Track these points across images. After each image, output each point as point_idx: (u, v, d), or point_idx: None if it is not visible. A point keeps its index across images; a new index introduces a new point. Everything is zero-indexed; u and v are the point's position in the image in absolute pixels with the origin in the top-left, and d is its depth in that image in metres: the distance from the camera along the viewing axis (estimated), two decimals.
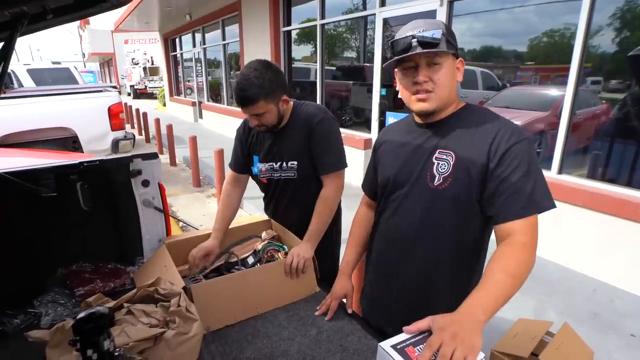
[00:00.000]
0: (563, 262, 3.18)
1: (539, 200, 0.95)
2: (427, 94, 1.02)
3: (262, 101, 1.42)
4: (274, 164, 1.63)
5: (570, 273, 3.08)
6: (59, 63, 8.79)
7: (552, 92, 3.53)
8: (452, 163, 1.02)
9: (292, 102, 1.61)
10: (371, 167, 1.31)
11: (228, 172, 1.79)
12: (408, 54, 1.00)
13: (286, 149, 1.59)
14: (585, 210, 2.99)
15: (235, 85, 1.43)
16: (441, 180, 1.04)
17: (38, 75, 7.80)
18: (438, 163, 1.05)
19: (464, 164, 1.00)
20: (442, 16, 3.98)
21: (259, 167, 1.67)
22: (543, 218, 0.95)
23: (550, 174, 3.28)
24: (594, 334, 2.36)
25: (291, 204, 1.69)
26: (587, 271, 3.05)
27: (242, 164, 1.73)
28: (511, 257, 0.93)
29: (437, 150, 1.05)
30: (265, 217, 1.82)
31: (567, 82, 3.10)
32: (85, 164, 1.52)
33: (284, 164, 1.61)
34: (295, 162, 1.59)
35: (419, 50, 0.98)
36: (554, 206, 0.96)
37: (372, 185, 1.29)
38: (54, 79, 7.80)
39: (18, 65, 8.29)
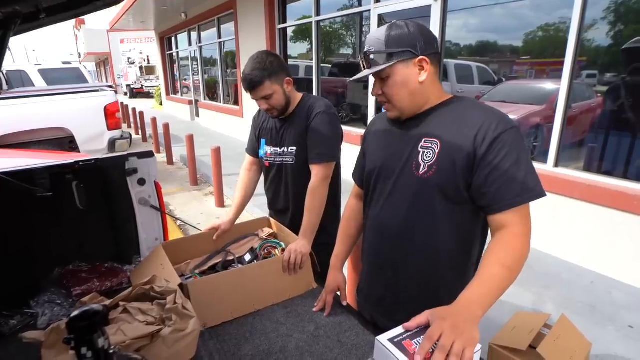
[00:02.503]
0: (560, 254, 3.19)
1: (530, 189, 0.94)
2: (386, 104, 1.10)
3: (268, 82, 1.54)
4: (277, 148, 1.73)
5: (568, 265, 3.09)
6: (69, 63, 9.05)
7: (548, 85, 3.54)
8: (437, 151, 1.01)
9: (302, 94, 1.71)
10: (361, 155, 1.31)
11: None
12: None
13: (289, 135, 1.68)
14: (582, 202, 3.00)
15: (242, 75, 1.57)
16: (426, 169, 1.03)
17: (49, 75, 8.01)
18: (423, 151, 1.04)
19: (449, 152, 1.00)
20: (436, 11, 3.98)
21: (265, 150, 1.78)
22: (540, 211, 0.95)
23: (547, 167, 3.29)
24: (592, 325, 2.37)
25: (288, 189, 1.75)
26: (584, 263, 3.06)
27: (255, 148, 1.85)
28: (507, 248, 0.93)
29: (423, 139, 1.05)
30: (262, 215, 1.83)
31: (562, 76, 3.11)
32: (80, 163, 1.51)
33: (285, 149, 1.69)
34: (295, 148, 1.67)
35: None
36: (544, 194, 0.95)
37: (362, 174, 1.29)
38: (65, 79, 7.93)
39: (29, 65, 8.55)
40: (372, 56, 1.04)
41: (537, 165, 3.29)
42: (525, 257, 0.94)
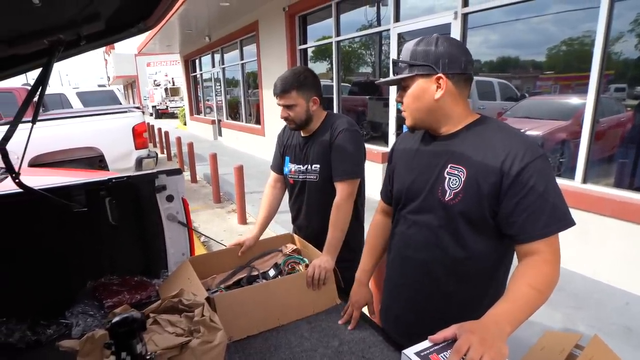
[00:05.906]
0: (591, 274, 3.07)
1: (559, 219, 0.93)
2: (404, 112, 1.14)
3: (295, 92, 1.60)
4: (301, 166, 1.75)
5: (600, 286, 2.97)
6: (104, 86, 9.67)
7: (573, 100, 3.48)
8: (463, 179, 1.01)
9: (326, 112, 1.74)
10: (388, 174, 1.33)
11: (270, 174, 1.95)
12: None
13: (312, 153, 1.71)
14: (613, 219, 2.89)
15: (276, 80, 1.63)
16: (452, 196, 1.03)
17: (86, 97, 8.58)
18: (450, 178, 1.04)
19: (475, 180, 0.99)
20: (456, 29, 4.00)
21: (289, 167, 1.80)
22: (568, 229, 0.94)
23: (575, 184, 3.21)
24: (629, 349, 2.26)
25: (311, 206, 1.76)
26: (617, 283, 2.93)
27: (280, 165, 1.87)
28: (535, 272, 0.92)
29: (449, 165, 1.05)
30: (286, 231, 1.85)
31: (588, 90, 3.05)
32: (114, 180, 1.59)
33: (309, 167, 1.72)
34: (318, 165, 1.69)
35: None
36: (573, 223, 0.94)
37: (388, 192, 1.31)
38: (100, 100, 8.47)
39: (68, 88, 9.21)
40: (400, 64, 1.09)
41: (564, 182, 3.21)
42: (555, 283, 0.93)
